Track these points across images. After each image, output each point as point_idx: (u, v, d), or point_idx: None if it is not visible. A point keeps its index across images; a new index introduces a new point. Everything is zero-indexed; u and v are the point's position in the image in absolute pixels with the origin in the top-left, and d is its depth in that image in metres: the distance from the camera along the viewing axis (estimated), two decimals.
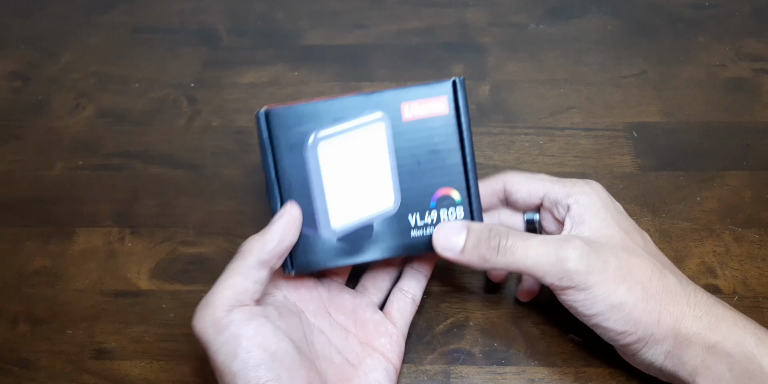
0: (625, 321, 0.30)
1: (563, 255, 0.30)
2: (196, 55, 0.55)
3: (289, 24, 0.57)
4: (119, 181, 0.46)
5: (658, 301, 0.30)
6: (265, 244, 0.30)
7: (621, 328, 0.30)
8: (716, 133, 0.46)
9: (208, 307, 0.29)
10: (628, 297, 0.30)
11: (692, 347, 0.29)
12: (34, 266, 0.42)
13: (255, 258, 0.30)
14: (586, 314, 0.31)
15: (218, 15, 0.58)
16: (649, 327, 0.30)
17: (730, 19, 0.54)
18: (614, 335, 0.31)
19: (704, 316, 0.30)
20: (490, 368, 0.35)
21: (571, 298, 0.30)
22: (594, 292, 0.30)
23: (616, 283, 0.30)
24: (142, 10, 0.60)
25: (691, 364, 0.29)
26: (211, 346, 0.28)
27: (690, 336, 0.29)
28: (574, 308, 0.31)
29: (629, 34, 0.54)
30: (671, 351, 0.30)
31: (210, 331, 0.28)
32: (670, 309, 0.30)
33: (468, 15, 0.56)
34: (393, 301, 0.35)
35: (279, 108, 0.31)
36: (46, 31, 0.58)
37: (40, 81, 0.54)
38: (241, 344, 0.28)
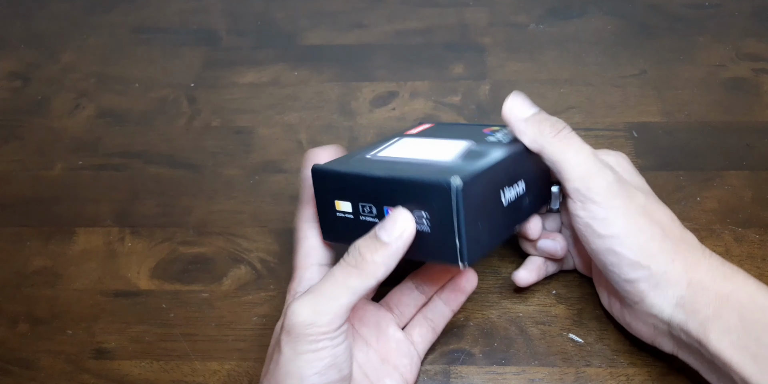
0: (640, 249, 0.29)
1: (603, 172, 0.30)
2: (196, 55, 0.55)
3: (288, 24, 0.57)
4: (119, 181, 0.46)
5: (676, 244, 0.29)
6: (388, 267, 0.27)
7: (635, 257, 0.29)
8: (716, 133, 0.46)
9: (321, 317, 0.27)
10: (646, 228, 0.29)
11: (706, 294, 0.28)
12: (34, 266, 0.42)
13: (376, 280, 0.27)
14: (602, 234, 0.29)
15: (218, 15, 0.58)
16: (663, 264, 0.29)
17: (730, 19, 0.54)
18: (626, 267, 0.29)
19: (719, 266, 0.30)
20: (490, 368, 0.35)
21: (591, 213, 0.29)
22: (615, 212, 0.29)
23: (637, 214, 0.29)
24: (142, 10, 0.60)
25: (703, 313, 0.28)
26: (297, 349, 0.27)
27: (704, 282, 0.29)
28: (591, 226, 0.30)
29: (629, 34, 0.54)
30: (684, 296, 0.29)
31: (308, 339, 0.27)
32: (687, 255, 0.29)
33: (468, 15, 0.56)
34: (416, 326, 0.35)
35: None
36: (46, 31, 0.58)
37: (40, 81, 0.54)
38: (325, 360, 0.27)
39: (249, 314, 0.38)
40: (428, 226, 0.28)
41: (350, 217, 0.30)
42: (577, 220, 0.30)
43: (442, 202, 0.27)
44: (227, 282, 0.40)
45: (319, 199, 0.31)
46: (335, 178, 0.29)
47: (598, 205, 0.29)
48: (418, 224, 0.28)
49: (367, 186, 0.29)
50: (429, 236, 0.28)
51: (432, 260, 0.29)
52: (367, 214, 0.29)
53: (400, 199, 0.28)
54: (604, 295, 0.35)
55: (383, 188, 0.28)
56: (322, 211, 0.31)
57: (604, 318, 0.37)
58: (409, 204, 0.28)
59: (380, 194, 0.28)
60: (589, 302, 0.37)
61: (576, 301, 0.37)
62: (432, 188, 0.27)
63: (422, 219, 0.28)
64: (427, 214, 0.27)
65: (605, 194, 0.29)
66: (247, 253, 0.41)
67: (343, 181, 0.29)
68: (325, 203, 0.30)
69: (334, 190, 0.30)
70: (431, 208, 0.27)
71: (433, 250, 0.28)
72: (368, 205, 0.29)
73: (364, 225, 0.29)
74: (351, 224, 0.30)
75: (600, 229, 0.29)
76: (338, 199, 0.30)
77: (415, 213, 0.28)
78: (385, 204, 0.28)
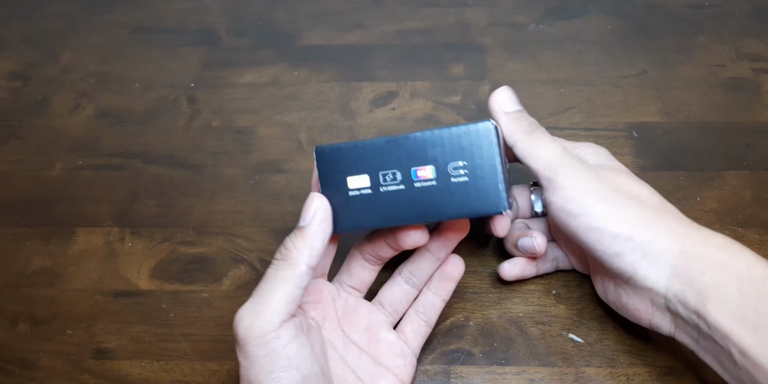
0: (618, 221, 0.29)
1: (570, 160, 0.31)
2: (196, 55, 0.55)
3: (288, 24, 0.57)
4: (119, 181, 0.46)
5: (656, 214, 0.30)
6: (312, 249, 0.28)
7: (615, 229, 0.29)
8: (716, 133, 0.46)
9: (259, 316, 0.27)
10: (620, 202, 0.30)
11: (701, 262, 0.28)
12: (34, 266, 0.42)
13: (305, 264, 0.28)
14: (577, 213, 0.30)
15: (218, 15, 0.58)
16: (646, 232, 0.29)
17: (730, 19, 0.54)
18: (608, 241, 0.29)
19: (712, 237, 0.29)
20: (490, 368, 0.35)
21: (563, 197, 0.30)
22: (584, 191, 0.30)
23: (609, 190, 0.30)
24: (142, 10, 0.60)
25: (700, 281, 0.28)
26: (248, 356, 0.27)
27: (698, 251, 0.28)
28: (565, 209, 0.30)
29: (629, 34, 0.54)
30: (678, 265, 0.28)
31: (254, 343, 0.27)
32: (671, 224, 0.29)
33: (468, 15, 0.56)
34: (408, 322, 0.35)
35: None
36: (46, 31, 0.58)
37: (40, 81, 0.54)
38: (279, 362, 0.27)
39: None
40: (466, 176, 0.28)
41: (368, 193, 0.29)
42: (553, 207, 0.31)
43: (482, 146, 0.28)
44: (227, 282, 0.40)
45: (326, 181, 0.29)
46: (348, 151, 0.29)
47: (567, 188, 0.30)
48: (453, 178, 0.28)
49: (390, 151, 0.28)
50: (467, 187, 0.28)
51: (469, 213, 0.29)
52: (390, 182, 0.29)
53: (433, 155, 0.28)
54: (598, 282, 0.35)
55: (410, 149, 0.28)
56: (331, 195, 0.30)
57: (604, 318, 0.37)
58: (444, 157, 0.28)
59: (405, 157, 0.28)
60: (589, 302, 0.37)
61: (576, 301, 0.37)
62: (471, 133, 0.28)
63: (458, 170, 0.28)
64: (465, 162, 0.28)
65: (573, 178, 0.30)
66: (247, 253, 0.41)
67: (357, 153, 0.29)
68: (335, 184, 0.29)
69: (345, 166, 0.29)
70: (471, 155, 0.28)
71: (473, 201, 0.28)
72: (391, 171, 0.29)
73: (386, 197, 0.29)
74: (369, 200, 0.29)
75: (574, 209, 0.30)
76: (352, 175, 0.29)
77: (450, 165, 0.28)
78: (413, 165, 0.28)
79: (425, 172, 0.28)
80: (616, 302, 0.33)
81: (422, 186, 0.28)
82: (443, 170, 0.28)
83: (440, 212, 0.28)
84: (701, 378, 0.34)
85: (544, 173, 0.31)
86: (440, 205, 0.28)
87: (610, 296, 0.34)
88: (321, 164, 0.29)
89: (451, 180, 0.28)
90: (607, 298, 0.34)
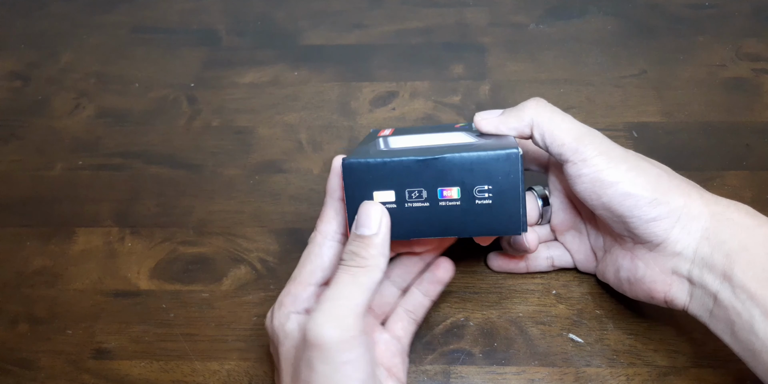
0: (654, 187, 0.29)
1: (594, 131, 0.31)
2: (197, 55, 0.55)
3: (289, 24, 0.57)
4: (119, 181, 0.46)
5: (687, 183, 0.30)
6: (386, 257, 0.28)
7: (652, 194, 0.29)
8: (716, 133, 0.46)
9: (343, 321, 0.26)
10: (652, 171, 0.30)
11: (731, 225, 0.29)
12: (34, 266, 0.42)
13: (381, 272, 0.28)
14: (612, 181, 0.30)
15: (218, 15, 0.58)
16: (681, 198, 0.29)
17: (730, 19, 0.54)
18: (646, 207, 0.29)
19: (740, 205, 0.30)
20: (490, 368, 0.35)
21: (595, 166, 0.30)
22: (618, 159, 0.30)
23: (639, 159, 0.31)
24: (142, 10, 0.60)
25: (729, 244, 0.28)
26: (332, 361, 0.26)
27: (728, 215, 0.29)
28: (599, 178, 0.30)
29: (629, 34, 0.54)
30: (709, 228, 0.29)
31: (341, 347, 0.26)
32: (701, 192, 0.30)
33: (468, 15, 0.56)
34: (397, 320, 0.34)
35: None
36: (46, 31, 0.58)
37: (40, 81, 0.54)
38: (363, 368, 0.26)
39: (249, 314, 0.38)
40: (490, 199, 0.29)
41: (392, 207, 0.30)
42: (583, 179, 0.31)
43: (509, 172, 0.29)
44: (227, 282, 0.40)
45: (351, 194, 0.30)
46: (376, 167, 0.30)
47: (600, 156, 0.30)
48: (478, 200, 0.29)
49: (417, 170, 0.29)
50: (490, 209, 0.29)
51: (489, 233, 0.30)
52: (415, 199, 0.30)
53: (459, 177, 0.29)
54: (608, 262, 0.35)
55: (438, 170, 0.29)
56: (356, 208, 0.30)
57: (604, 318, 0.37)
58: (471, 180, 0.29)
59: (432, 176, 0.29)
60: (589, 302, 0.37)
61: (576, 301, 0.37)
62: (500, 159, 0.29)
63: (483, 193, 0.29)
64: (491, 186, 0.29)
65: (603, 147, 0.30)
66: (247, 253, 0.41)
67: (385, 170, 0.29)
68: (361, 197, 0.30)
69: (373, 181, 0.30)
70: (496, 180, 0.29)
71: (494, 222, 0.30)
72: (417, 189, 0.30)
73: (410, 212, 0.30)
74: (394, 214, 0.30)
75: (609, 177, 0.30)
76: (378, 190, 0.30)
77: (477, 189, 0.29)
78: (439, 185, 0.29)
79: (451, 192, 0.30)
80: (631, 277, 0.33)
81: (446, 205, 0.30)
82: (469, 192, 0.29)
83: (461, 230, 0.30)
84: (701, 378, 0.34)
85: (572, 145, 0.31)
86: (462, 224, 0.30)
87: (623, 272, 0.33)
88: (348, 178, 0.30)
89: (476, 202, 0.29)
90: (618, 276, 0.34)
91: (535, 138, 0.32)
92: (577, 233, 0.37)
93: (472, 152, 0.29)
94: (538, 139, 0.32)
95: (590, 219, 0.36)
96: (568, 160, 0.31)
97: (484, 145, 0.30)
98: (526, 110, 0.32)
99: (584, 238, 0.37)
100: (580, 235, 0.37)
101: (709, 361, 0.34)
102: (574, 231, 0.37)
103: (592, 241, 0.37)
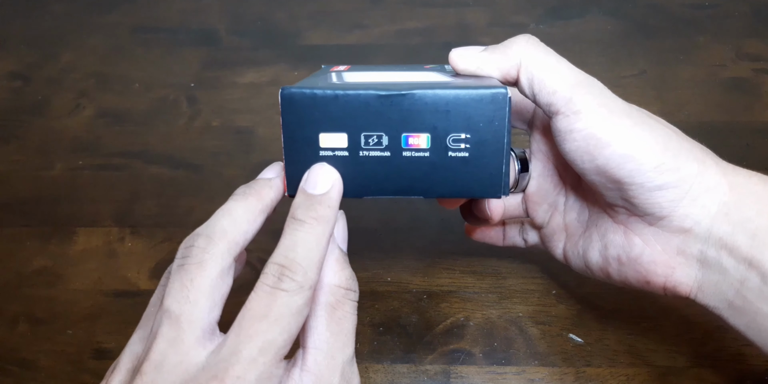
0: (662, 149, 0.24)
1: (592, 79, 0.26)
2: (197, 55, 0.55)
3: (289, 24, 0.57)
4: (119, 181, 0.46)
5: (699, 147, 0.25)
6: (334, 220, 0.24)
7: (658, 159, 0.24)
8: (716, 133, 0.46)
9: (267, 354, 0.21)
10: (660, 130, 0.25)
11: (757, 200, 0.24)
12: (34, 266, 0.42)
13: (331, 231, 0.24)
14: (610, 141, 0.24)
15: (218, 15, 0.58)
16: (693, 164, 0.24)
17: (730, 19, 0.54)
18: (650, 172, 0.24)
19: (756, 177, 0.25)
20: (490, 368, 0.35)
21: (591, 121, 0.24)
22: (619, 114, 0.25)
23: (645, 116, 0.26)
24: (142, 10, 0.60)
25: (755, 222, 0.24)
26: None
27: (751, 187, 0.24)
28: (595, 136, 0.24)
29: (629, 34, 0.54)
30: (728, 202, 0.24)
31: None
32: (715, 158, 0.25)
33: (468, 15, 0.56)
34: None
35: None
36: (46, 31, 0.58)
37: (41, 81, 0.54)
38: None
39: None
40: (467, 151, 0.24)
41: (343, 155, 0.24)
42: (574, 136, 0.25)
43: (493, 118, 0.23)
44: None
45: (292, 134, 0.24)
46: (324, 101, 0.23)
47: (598, 109, 0.25)
48: (452, 151, 0.24)
49: (378, 109, 0.23)
50: (465, 164, 0.24)
51: (462, 194, 0.25)
52: (372, 146, 0.24)
53: (430, 121, 0.24)
54: (593, 237, 0.29)
55: (405, 110, 0.23)
56: (295, 151, 0.24)
57: (604, 318, 0.37)
58: (446, 126, 0.24)
59: (396, 119, 0.24)
60: (589, 302, 0.37)
61: (576, 301, 0.37)
62: (484, 101, 0.23)
63: (459, 143, 0.24)
64: (469, 134, 0.24)
65: (603, 98, 0.25)
66: (247, 253, 0.41)
67: (336, 106, 0.23)
68: (303, 139, 0.24)
69: (319, 119, 0.24)
70: (476, 127, 0.24)
71: (469, 181, 0.24)
72: (377, 133, 0.24)
73: (365, 163, 0.24)
74: (343, 164, 0.24)
75: (607, 134, 0.24)
76: (326, 131, 0.24)
77: (451, 137, 0.24)
78: (404, 130, 0.24)
79: (419, 140, 0.24)
80: (622, 256, 0.27)
81: (411, 156, 0.24)
82: (441, 141, 0.24)
83: (428, 188, 0.25)
84: (701, 378, 0.34)
85: (565, 93, 0.25)
86: (429, 181, 0.24)
87: (612, 250, 0.28)
88: (287, 112, 0.24)
89: (449, 154, 0.24)
90: (605, 254, 0.28)
91: (521, 83, 0.26)
92: (551, 209, 0.31)
93: (448, 90, 0.23)
94: (525, 84, 0.26)
95: (575, 188, 0.30)
96: (559, 111, 0.25)
97: (463, 84, 0.25)
98: (515, 47, 0.26)
99: (558, 216, 0.31)
100: (554, 212, 0.31)
101: (709, 361, 0.34)
102: (547, 206, 0.31)
103: (568, 216, 0.31)
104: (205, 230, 0.23)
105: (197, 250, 0.23)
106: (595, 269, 0.29)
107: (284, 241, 0.24)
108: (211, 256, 0.23)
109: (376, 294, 0.38)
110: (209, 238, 0.23)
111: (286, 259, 0.23)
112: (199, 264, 0.23)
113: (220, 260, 0.23)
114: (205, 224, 0.24)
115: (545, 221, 0.32)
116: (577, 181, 0.30)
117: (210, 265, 0.23)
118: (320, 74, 0.29)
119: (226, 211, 0.24)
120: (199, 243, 0.23)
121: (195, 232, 0.24)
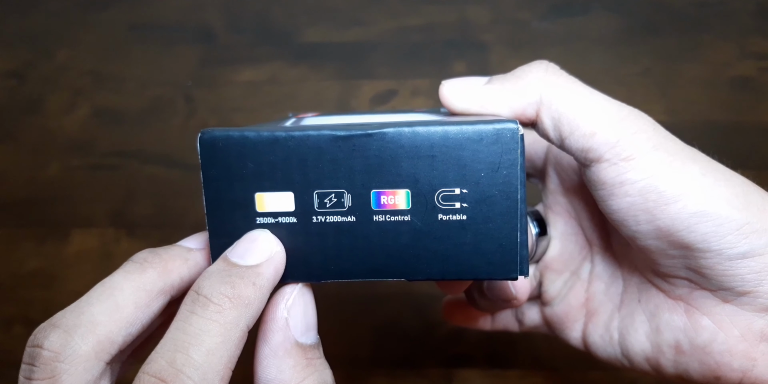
0: (743, 202, 0.19)
1: (636, 111, 0.22)
2: (193, 53, 0.54)
3: (286, 21, 0.56)
4: (115, 181, 0.45)
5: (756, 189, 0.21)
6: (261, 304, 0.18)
7: (741, 216, 0.19)
8: (721, 132, 0.45)
9: None
10: (730, 176, 0.20)
11: None
12: (28, 267, 0.41)
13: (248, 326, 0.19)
14: (678, 193, 0.19)
15: (215, 12, 0.58)
16: (743, 207, 0.19)
17: (735, 17, 0.53)
18: (731, 235, 0.19)
19: None
20: (493, 372, 0.35)
21: (651, 169, 0.19)
22: (681, 158, 0.20)
23: (705, 159, 0.21)
24: (138, 7, 0.59)
25: None
26: None
27: None
28: (658, 189, 0.19)
29: (633, 31, 0.53)
30: None
31: None
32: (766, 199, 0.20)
33: (469, 12, 0.56)
34: None
35: None
36: (41, 29, 0.58)
37: (35, 80, 0.53)
38: None
39: None
40: (464, 212, 0.17)
41: (290, 222, 0.18)
42: (627, 190, 0.19)
43: (499, 164, 0.17)
44: None
45: (218, 194, 0.18)
46: (261, 146, 0.17)
47: (655, 152, 0.19)
48: (443, 213, 0.17)
49: (336, 155, 0.17)
50: (463, 231, 0.17)
51: (462, 276, 0.18)
52: (330, 208, 0.17)
53: (410, 170, 0.17)
54: (636, 317, 0.23)
55: (373, 155, 0.17)
56: (221, 219, 0.18)
57: None
58: (431, 177, 0.17)
59: (363, 169, 0.17)
60: None
61: None
62: (485, 140, 0.17)
63: (452, 202, 0.17)
64: (466, 189, 0.17)
65: (657, 137, 0.20)
66: None
67: (277, 152, 0.17)
68: (232, 202, 0.18)
69: (256, 173, 0.17)
70: (475, 178, 0.17)
71: (470, 256, 0.17)
72: (335, 191, 0.17)
73: (321, 232, 0.17)
74: (291, 235, 0.18)
75: (672, 188, 0.19)
76: (265, 190, 0.17)
77: (440, 193, 0.17)
78: (375, 185, 0.17)
79: (394, 198, 0.17)
80: (683, 343, 0.21)
81: (386, 220, 0.17)
82: (426, 199, 0.17)
83: (411, 268, 0.17)
84: None
85: (608, 135, 0.19)
86: (412, 257, 0.17)
87: (668, 334, 0.21)
88: (210, 165, 0.18)
89: (438, 217, 0.17)
90: (657, 340, 0.22)
91: (543, 124, 0.20)
92: (573, 279, 0.25)
93: (433, 127, 0.17)
94: (549, 125, 0.20)
95: (604, 251, 0.24)
96: (601, 158, 0.20)
97: (456, 119, 0.18)
98: (531, 78, 0.20)
99: (580, 288, 0.24)
100: (576, 282, 0.25)
101: None
102: (569, 274, 0.25)
103: (593, 288, 0.24)
104: (63, 320, 0.16)
105: (47, 357, 0.16)
106: (637, 359, 0.22)
107: (172, 332, 0.16)
108: (68, 368, 0.16)
109: (377, 298, 0.38)
110: (67, 334, 0.16)
111: (170, 368, 0.15)
112: (49, 381, 0.16)
113: (82, 372, 0.16)
114: (68, 309, 0.16)
115: (561, 295, 0.25)
116: (606, 241, 0.24)
117: (65, 382, 0.15)
118: (278, 121, 0.23)
119: (105, 288, 0.17)
120: (52, 344, 0.16)
121: (49, 320, 0.17)
